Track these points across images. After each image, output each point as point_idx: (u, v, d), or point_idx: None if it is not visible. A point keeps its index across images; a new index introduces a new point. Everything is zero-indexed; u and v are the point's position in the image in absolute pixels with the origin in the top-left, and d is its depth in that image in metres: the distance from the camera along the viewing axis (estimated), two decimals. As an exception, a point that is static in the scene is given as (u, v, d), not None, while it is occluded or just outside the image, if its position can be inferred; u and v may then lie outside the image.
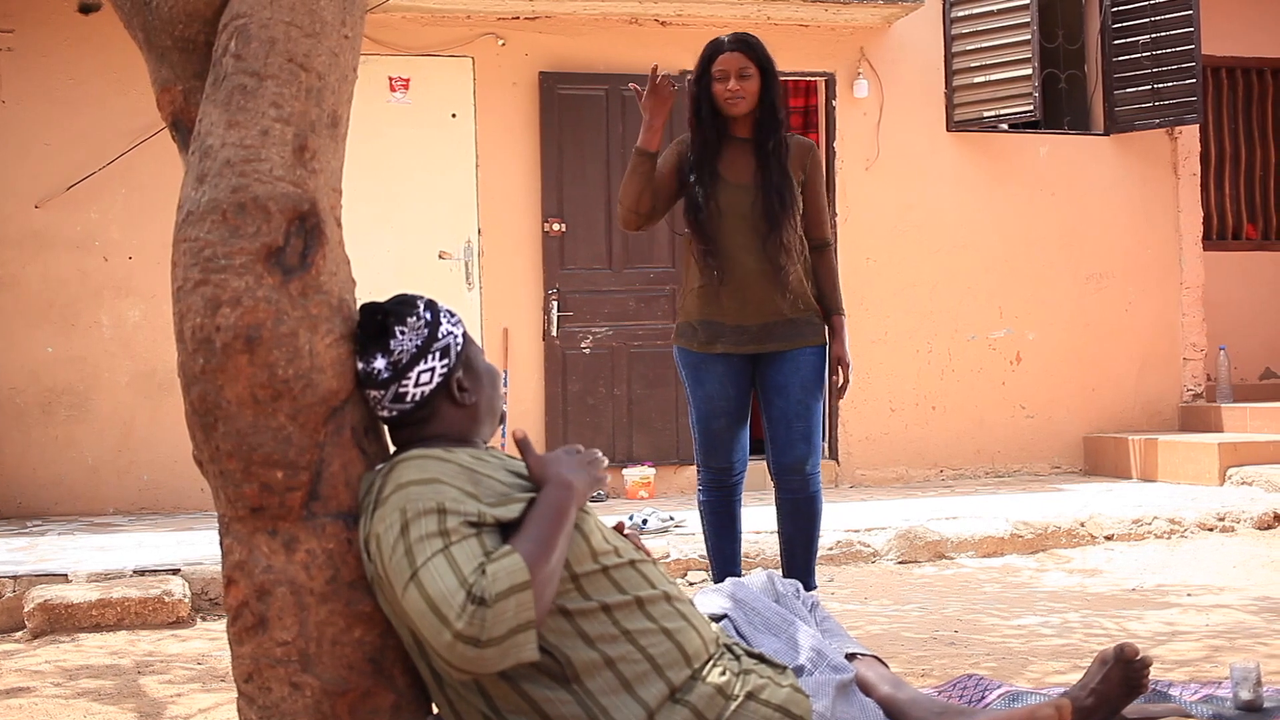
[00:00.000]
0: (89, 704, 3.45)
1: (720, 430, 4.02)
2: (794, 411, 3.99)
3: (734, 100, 3.97)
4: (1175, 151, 8.47)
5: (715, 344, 4.00)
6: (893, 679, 2.64)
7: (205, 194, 2.17)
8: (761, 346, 4.00)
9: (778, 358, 4.01)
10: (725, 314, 3.99)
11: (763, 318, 3.98)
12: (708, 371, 4.02)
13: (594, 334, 7.56)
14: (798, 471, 4.00)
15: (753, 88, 3.98)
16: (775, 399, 4.01)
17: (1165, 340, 8.44)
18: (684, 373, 4.09)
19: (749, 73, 3.96)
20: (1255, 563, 5.43)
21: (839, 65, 7.97)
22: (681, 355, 4.09)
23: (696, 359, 4.04)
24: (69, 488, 7.04)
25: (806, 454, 4.01)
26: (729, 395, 4.01)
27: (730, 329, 3.99)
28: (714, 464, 4.06)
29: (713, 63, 3.99)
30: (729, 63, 3.97)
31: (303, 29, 2.23)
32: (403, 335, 2.23)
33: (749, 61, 3.96)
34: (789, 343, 4.00)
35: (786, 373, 4.00)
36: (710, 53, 4.01)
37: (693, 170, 4.01)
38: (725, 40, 4.02)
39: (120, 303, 7.15)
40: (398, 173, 7.38)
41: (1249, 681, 2.83)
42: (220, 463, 2.16)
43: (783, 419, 4.00)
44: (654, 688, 2.11)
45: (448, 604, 1.91)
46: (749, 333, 3.99)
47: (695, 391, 4.05)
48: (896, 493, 7.43)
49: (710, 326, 4.00)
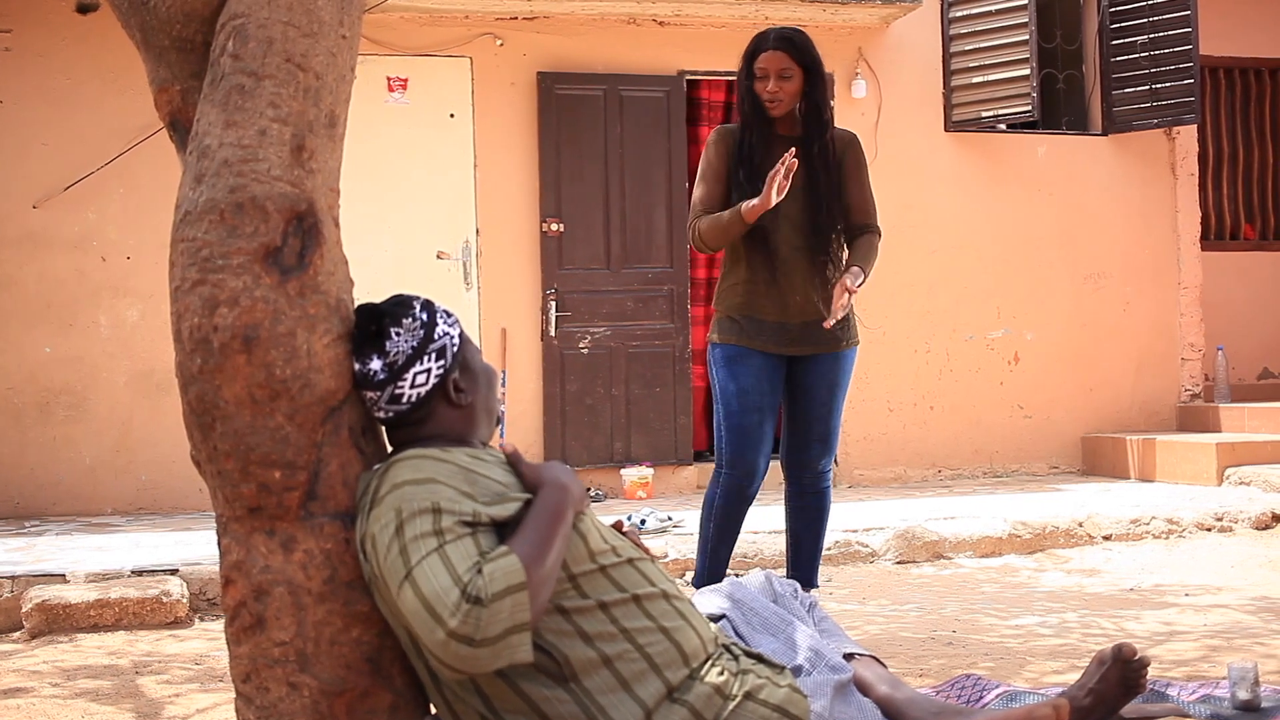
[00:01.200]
0: (87, 704, 3.45)
1: (752, 427, 3.92)
2: (816, 415, 3.99)
3: (774, 102, 3.91)
4: (1173, 151, 8.48)
5: (757, 339, 3.94)
6: (890, 679, 2.64)
7: (203, 194, 2.17)
8: (801, 348, 3.97)
9: (810, 360, 3.99)
10: (768, 311, 3.94)
11: (803, 317, 3.94)
12: (745, 365, 3.94)
13: (592, 334, 7.56)
14: (809, 467, 4.01)
15: (793, 88, 3.90)
16: (800, 399, 4.00)
17: (1163, 340, 8.45)
18: (718, 367, 3.98)
19: (789, 73, 3.89)
20: (1253, 563, 5.44)
21: (837, 65, 7.96)
22: (718, 349, 3.99)
23: (735, 352, 3.94)
24: (67, 488, 7.04)
25: (821, 454, 4.01)
26: (764, 391, 3.94)
27: (772, 326, 3.95)
28: (740, 464, 3.91)
29: (754, 60, 3.91)
30: (769, 62, 3.89)
31: (300, 29, 2.23)
32: (398, 336, 2.22)
33: (791, 61, 3.88)
34: (824, 346, 3.98)
35: (816, 375, 3.98)
36: (753, 49, 3.93)
37: (742, 166, 3.94)
38: (769, 37, 3.93)
39: (118, 303, 7.14)
40: (396, 173, 7.38)
41: (1247, 681, 2.84)
42: (218, 463, 2.16)
43: (804, 419, 4.00)
44: (652, 687, 2.11)
45: (441, 602, 1.91)
46: (790, 332, 3.95)
47: (728, 386, 3.94)
48: (894, 493, 7.44)
49: (753, 322, 3.95)
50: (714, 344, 4.02)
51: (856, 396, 7.88)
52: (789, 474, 4.05)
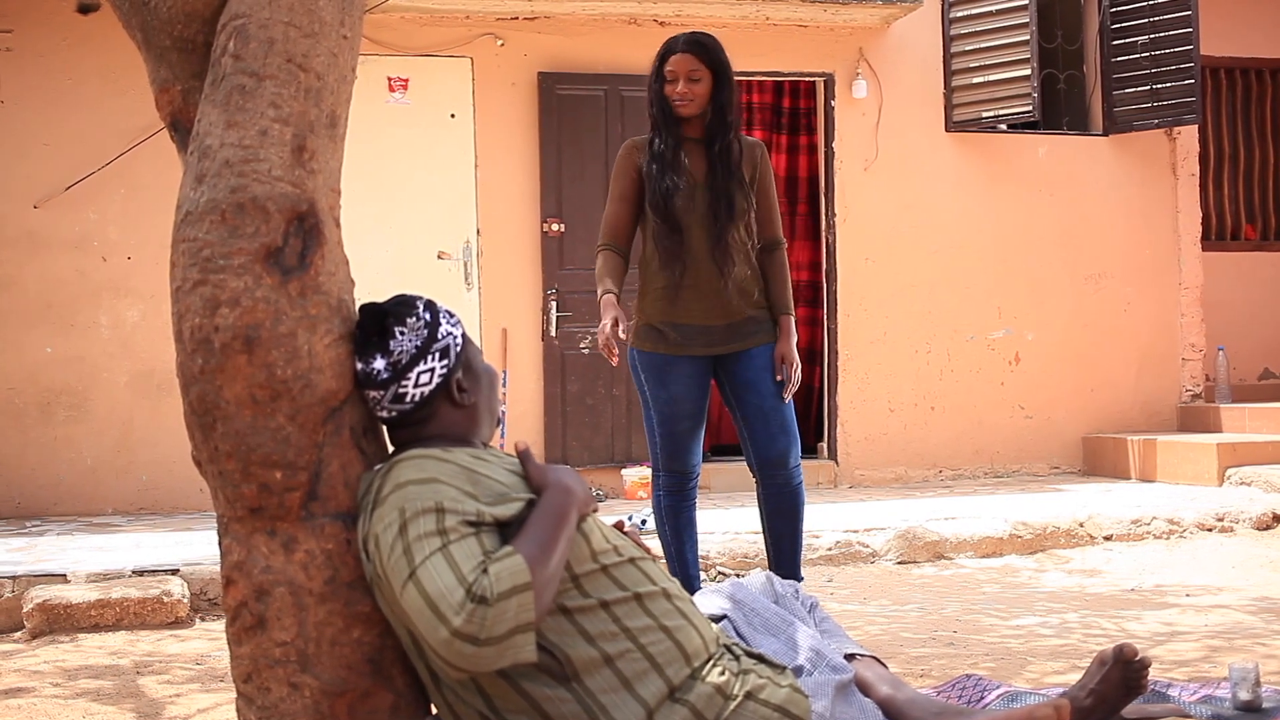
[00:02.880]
0: (88, 704, 3.45)
1: (684, 433, 4.01)
2: (770, 405, 3.99)
3: (682, 103, 3.95)
4: (1174, 152, 8.48)
5: (686, 346, 3.97)
6: (891, 679, 2.64)
7: (204, 194, 2.17)
8: (728, 346, 4.00)
9: (743, 355, 4.00)
10: (691, 315, 3.97)
11: (726, 318, 3.98)
12: (674, 373, 3.98)
13: (593, 334, 7.55)
14: (782, 465, 4.00)
15: (702, 90, 3.95)
16: (748, 395, 4.00)
17: (1164, 340, 8.44)
18: (644, 375, 4.03)
19: (698, 75, 3.93)
20: (1254, 563, 5.44)
21: (838, 65, 7.97)
22: (645, 358, 4.02)
23: (663, 360, 3.99)
24: (68, 488, 7.04)
25: (788, 446, 4.01)
26: (693, 397, 4.00)
27: (698, 330, 3.97)
28: (676, 467, 4.04)
29: (664, 63, 3.97)
30: (679, 65, 3.94)
31: (301, 29, 2.23)
32: (402, 336, 2.23)
33: (700, 64, 3.93)
34: (753, 340, 4.01)
35: (755, 368, 3.99)
36: (663, 53, 3.99)
37: (653, 162, 3.97)
38: (679, 41, 3.98)
39: (119, 303, 7.14)
40: (397, 173, 7.38)
41: (1248, 682, 2.83)
42: (219, 463, 2.16)
43: (759, 414, 3.99)
44: (653, 686, 2.11)
45: (446, 601, 1.91)
46: (715, 333, 3.98)
47: (658, 394, 4.00)
48: (895, 493, 7.43)
49: (679, 329, 3.98)
50: (638, 351, 4.04)
51: (858, 396, 7.89)
52: (761, 475, 4.04)
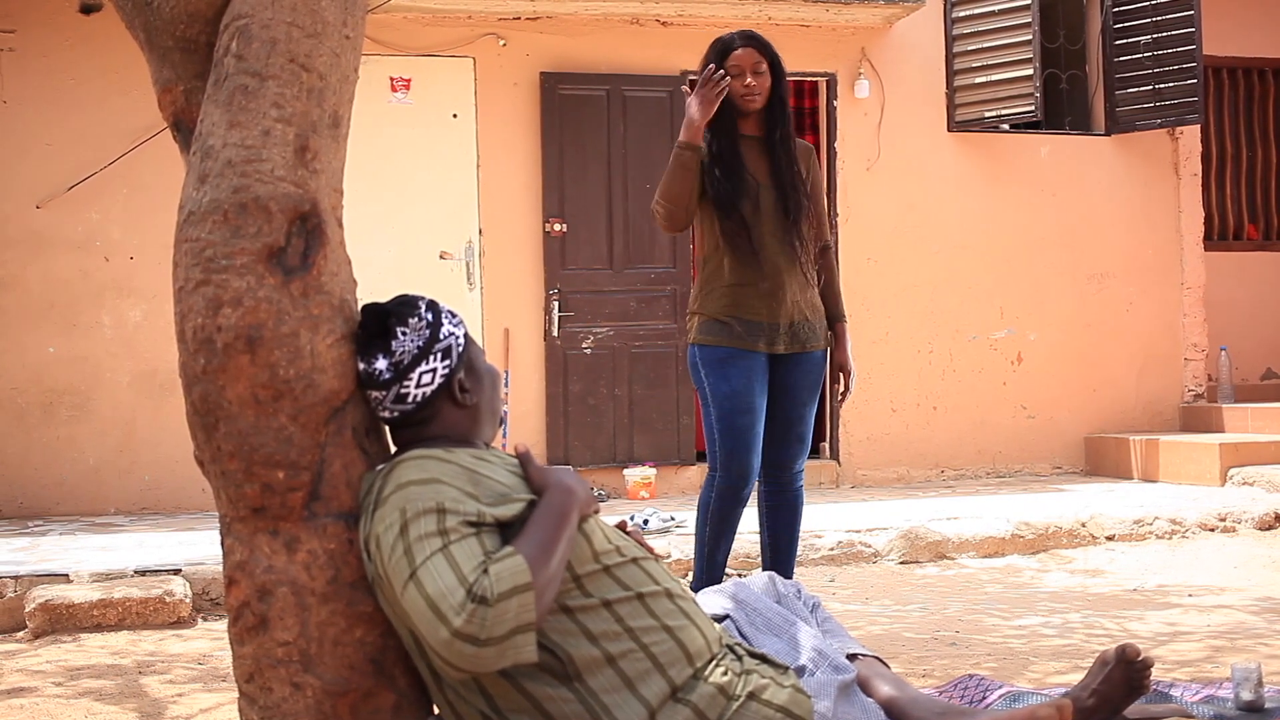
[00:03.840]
0: (91, 704, 3.45)
1: (745, 429, 3.91)
2: (796, 415, 4.00)
3: (751, 97, 3.94)
4: (1176, 152, 8.47)
5: (750, 341, 3.92)
6: (894, 679, 2.64)
7: (207, 194, 2.17)
8: (789, 347, 3.97)
9: (794, 359, 3.99)
10: (757, 312, 3.92)
11: (790, 317, 3.95)
12: (737, 368, 3.91)
13: (595, 334, 7.56)
14: (789, 469, 4.02)
15: (767, 84, 3.96)
16: (782, 399, 3.99)
17: (1166, 340, 8.44)
18: (707, 370, 3.94)
19: (762, 69, 3.94)
20: (1256, 563, 5.43)
21: (840, 65, 7.96)
22: (707, 352, 3.94)
23: (726, 354, 3.91)
24: (70, 488, 7.04)
25: (800, 453, 4.03)
26: (755, 392, 3.93)
27: (766, 327, 3.94)
28: (735, 467, 3.90)
29: (725, 59, 3.94)
30: (743, 59, 3.93)
31: (304, 29, 2.23)
32: (405, 336, 2.23)
33: (762, 58, 3.94)
34: (805, 345, 3.99)
35: (797, 375, 3.99)
36: (722, 49, 3.96)
37: (717, 167, 3.93)
38: (736, 38, 3.98)
39: (121, 303, 7.15)
40: (399, 173, 7.38)
41: (1250, 682, 2.83)
42: (221, 463, 2.16)
43: (784, 420, 4.00)
44: (656, 686, 2.11)
45: (447, 602, 1.91)
46: (779, 331, 3.95)
47: (719, 388, 3.91)
48: (897, 493, 7.43)
49: (744, 323, 3.93)
50: (701, 346, 3.97)
51: (860, 397, 7.88)
52: (766, 473, 4.04)
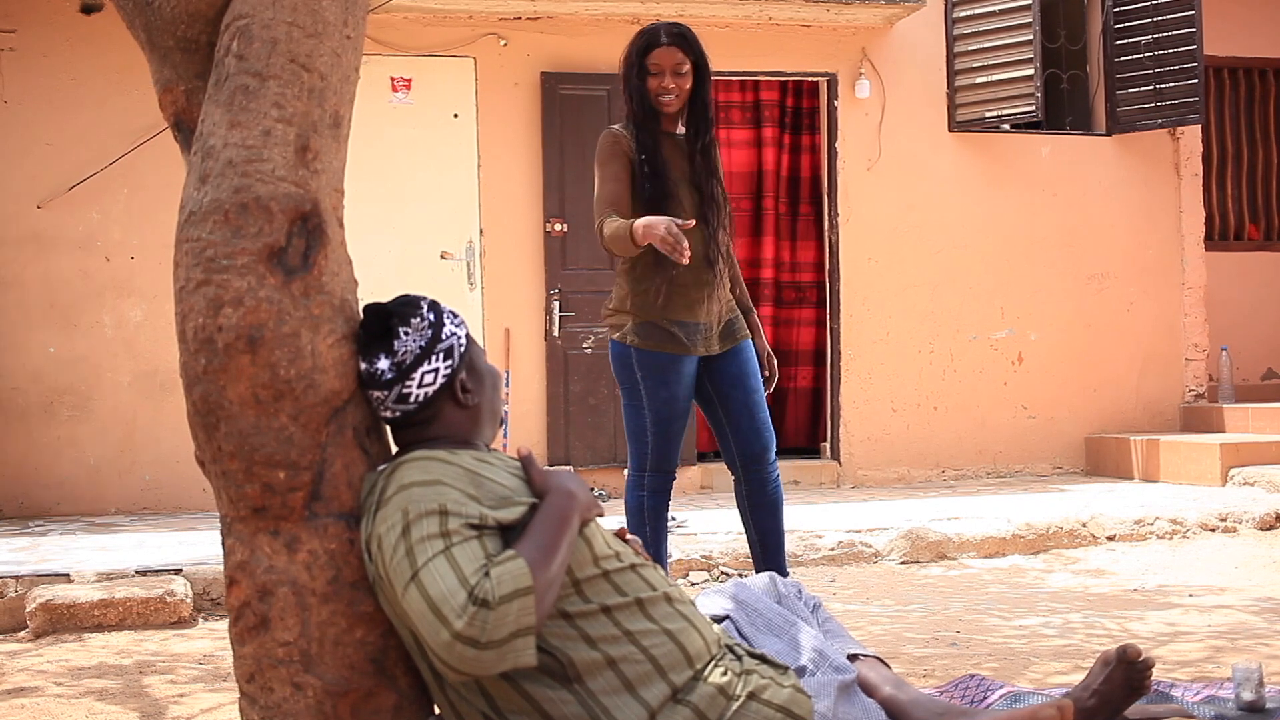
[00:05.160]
0: (92, 703, 3.45)
1: (677, 433, 3.97)
2: (754, 401, 3.98)
3: (667, 99, 3.85)
4: (1177, 152, 8.47)
5: (692, 345, 3.91)
6: (895, 679, 2.64)
7: (207, 194, 2.17)
8: (723, 345, 3.99)
9: (728, 354, 3.99)
10: (694, 314, 3.91)
11: (720, 316, 3.98)
12: (675, 373, 3.90)
13: (596, 334, 7.55)
14: (765, 460, 3.98)
15: (687, 84, 3.86)
16: (733, 392, 3.97)
17: (1167, 340, 8.44)
18: (645, 374, 3.90)
19: (684, 69, 3.83)
20: (1257, 563, 5.43)
21: (841, 65, 7.96)
22: (648, 356, 3.88)
23: (669, 360, 3.89)
24: (71, 488, 7.05)
25: (770, 441, 4.00)
26: (688, 397, 3.97)
27: (702, 328, 3.93)
28: (666, 467, 3.97)
29: (646, 56, 3.84)
30: (664, 58, 3.82)
31: (305, 29, 2.23)
32: (407, 336, 2.23)
33: (685, 57, 3.83)
34: (736, 338, 4.01)
35: (738, 364, 3.99)
36: (645, 45, 3.84)
37: (645, 168, 3.86)
38: (661, 32, 3.84)
39: (122, 303, 7.15)
40: (400, 173, 7.38)
41: (1251, 682, 2.83)
42: (222, 463, 2.16)
43: (744, 410, 3.97)
44: (656, 688, 2.11)
45: (448, 604, 1.91)
46: (713, 330, 3.97)
47: (657, 394, 3.90)
48: (898, 493, 7.43)
49: (685, 327, 3.90)
50: (639, 350, 3.89)
51: (860, 396, 7.88)
52: (744, 472, 3.99)
